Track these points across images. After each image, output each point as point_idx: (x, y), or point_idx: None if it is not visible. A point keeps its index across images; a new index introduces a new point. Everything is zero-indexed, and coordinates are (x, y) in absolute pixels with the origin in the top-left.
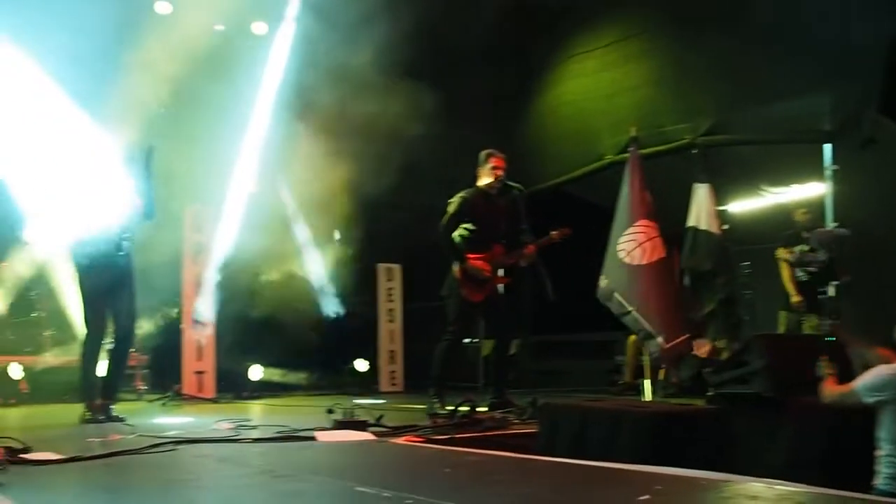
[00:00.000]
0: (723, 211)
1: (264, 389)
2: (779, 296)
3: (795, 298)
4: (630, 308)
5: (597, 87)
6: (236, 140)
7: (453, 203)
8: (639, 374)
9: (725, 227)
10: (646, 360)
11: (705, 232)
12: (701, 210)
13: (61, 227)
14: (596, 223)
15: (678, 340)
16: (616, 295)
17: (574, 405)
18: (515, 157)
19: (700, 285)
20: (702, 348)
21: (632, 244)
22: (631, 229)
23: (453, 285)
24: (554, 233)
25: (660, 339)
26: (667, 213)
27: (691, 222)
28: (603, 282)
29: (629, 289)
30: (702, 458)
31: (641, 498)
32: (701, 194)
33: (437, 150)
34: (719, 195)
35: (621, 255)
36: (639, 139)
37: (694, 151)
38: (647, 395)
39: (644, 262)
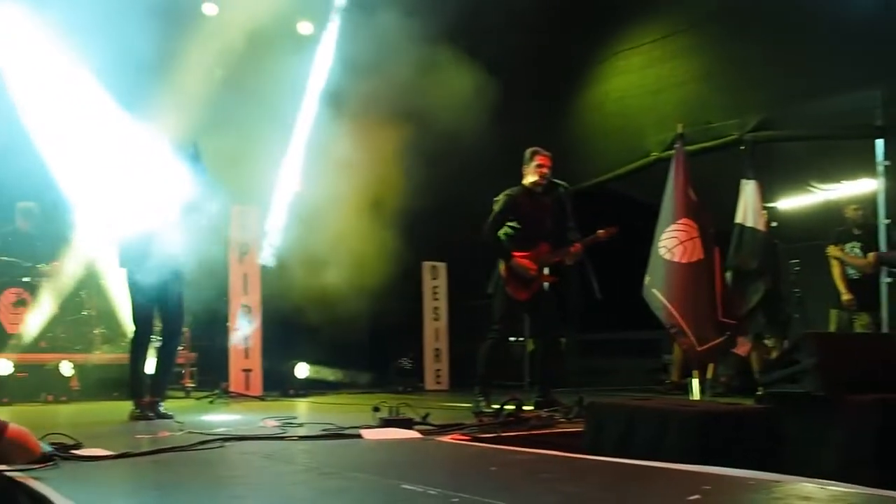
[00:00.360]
0: (771, 208)
1: (310, 387)
2: (829, 294)
3: (846, 296)
4: (666, 303)
5: (642, 84)
6: (282, 139)
7: (498, 202)
8: (686, 373)
9: (773, 224)
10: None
11: (752, 229)
12: (748, 207)
13: (110, 226)
14: (641, 221)
15: (711, 344)
16: (654, 291)
17: (621, 404)
18: (561, 155)
19: (744, 283)
20: (742, 347)
21: (673, 241)
22: (673, 226)
23: (499, 283)
24: (600, 231)
25: (692, 339)
26: (713, 211)
27: (738, 219)
28: (647, 279)
29: (666, 284)
30: (750, 459)
31: (691, 497)
32: (748, 191)
33: (482, 148)
34: (767, 192)
35: (662, 251)
36: (685, 136)
37: (742, 148)
38: (695, 394)
39: (684, 260)
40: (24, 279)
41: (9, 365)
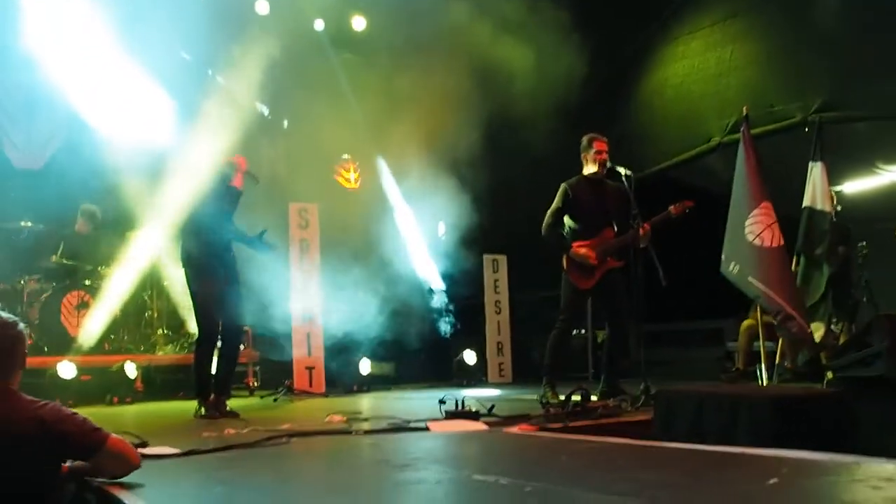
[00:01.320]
0: (837, 191)
1: (374, 383)
2: None
3: None
4: (768, 290)
5: (703, 68)
6: (339, 135)
7: (558, 195)
8: (752, 362)
9: (839, 207)
10: (761, 345)
11: (821, 212)
12: (816, 189)
13: (172, 229)
14: (703, 209)
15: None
16: (751, 279)
17: (690, 391)
18: (621, 143)
19: (814, 268)
20: (817, 332)
21: (759, 226)
22: (756, 211)
23: (563, 273)
24: (672, 207)
25: (802, 322)
26: (779, 195)
27: (807, 202)
28: (733, 267)
29: (762, 271)
30: (823, 443)
31: (771, 481)
32: (816, 173)
33: (543, 139)
34: (833, 174)
35: (750, 237)
36: (749, 118)
37: (806, 130)
38: (764, 380)
39: (774, 245)
40: (86, 282)
41: (72, 368)
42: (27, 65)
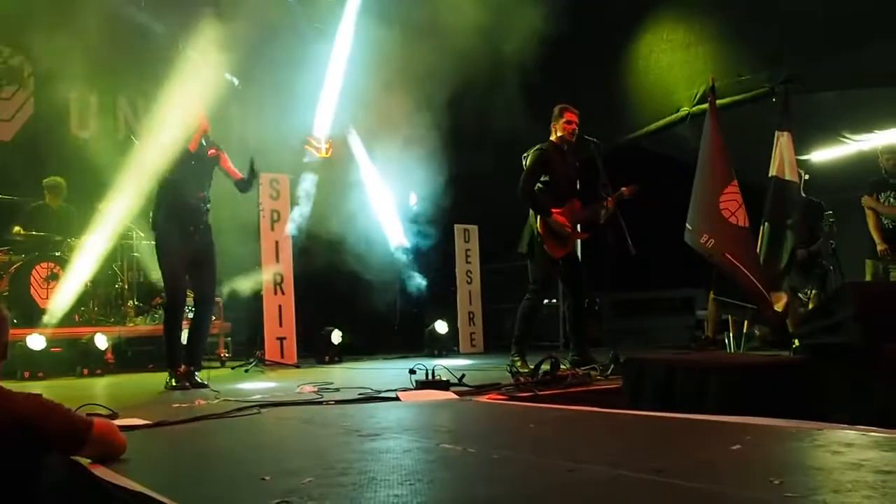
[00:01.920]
0: (805, 160)
1: (345, 353)
2: (864, 244)
3: (882, 246)
4: (744, 270)
5: (672, 39)
6: (311, 105)
7: (529, 157)
8: (721, 330)
9: (806, 176)
10: (729, 315)
11: (788, 181)
12: (783, 159)
13: (141, 200)
14: (673, 177)
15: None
16: (728, 255)
17: (660, 358)
18: (594, 113)
19: (781, 237)
20: (779, 301)
21: (734, 204)
22: (729, 188)
23: (535, 242)
24: (624, 189)
25: (770, 299)
26: (746, 165)
27: (773, 171)
28: (707, 240)
29: (738, 249)
30: (790, 410)
31: (734, 447)
32: (783, 143)
33: (508, 108)
34: (800, 144)
35: (725, 213)
36: (716, 88)
37: (773, 100)
38: (732, 348)
39: (744, 225)
40: (56, 253)
41: (42, 340)
42: None
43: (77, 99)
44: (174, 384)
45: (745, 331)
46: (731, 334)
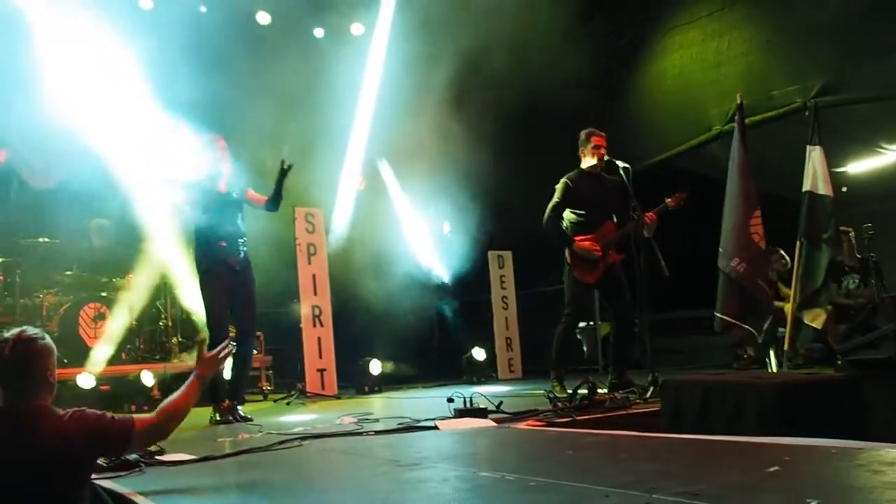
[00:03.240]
0: (841, 172)
1: (384, 383)
2: None
3: None
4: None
5: (702, 59)
6: (343, 139)
7: (557, 190)
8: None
9: (844, 189)
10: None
11: (822, 196)
12: (816, 174)
13: (182, 234)
14: (708, 196)
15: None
16: (760, 282)
17: (697, 380)
18: (623, 135)
19: (818, 252)
20: (817, 318)
21: (762, 228)
22: (757, 212)
23: (567, 268)
24: (669, 200)
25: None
26: (780, 181)
27: (807, 187)
28: (739, 265)
29: (762, 274)
30: (833, 428)
31: (771, 469)
32: (815, 157)
33: (544, 134)
34: (837, 156)
35: (755, 237)
36: (746, 106)
37: (806, 114)
38: (773, 366)
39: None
40: (102, 294)
41: (91, 378)
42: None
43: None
44: (218, 419)
45: (786, 348)
46: (772, 352)
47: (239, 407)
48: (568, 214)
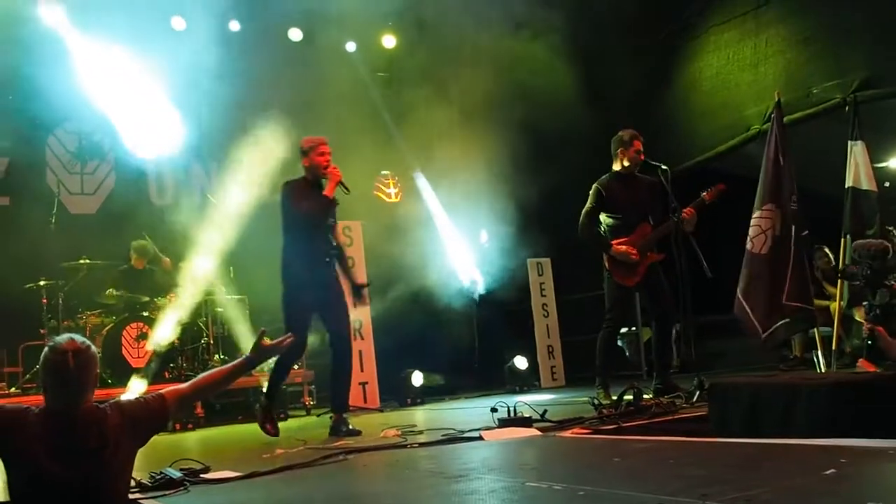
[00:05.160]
0: (883, 167)
1: (427, 394)
2: None
3: None
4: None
5: (739, 58)
6: (379, 151)
7: (589, 195)
8: (809, 348)
9: (886, 184)
10: (817, 332)
11: (866, 191)
12: (859, 169)
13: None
14: (748, 197)
15: (772, 330)
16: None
17: (745, 382)
18: (658, 138)
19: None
20: (858, 314)
21: (755, 230)
22: (757, 213)
23: (606, 272)
24: (705, 193)
25: (758, 328)
26: (822, 177)
27: (850, 182)
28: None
29: (742, 275)
30: (885, 428)
31: (827, 472)
32: (857, 152)
33: (580, 138)
34: (879, 151)
35: (748, 243)
36: (784, 104)
37: (846, 109)
38: (821, 367)
39: (762, 252)
40: (144, 313)
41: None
42: (78, 116)
43: (154, 169)
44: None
45: (834, 348)
46: (819, 352)
47: (346, 419)
48: (604, 218)
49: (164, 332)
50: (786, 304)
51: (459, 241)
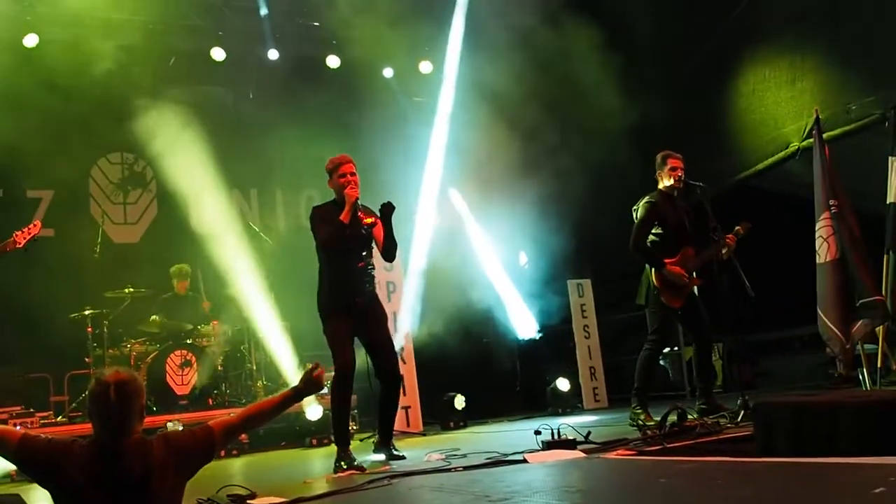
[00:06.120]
0: None
1: (469, 418)
2: None
3: None
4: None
5: (775, 75)
6: (417, 175)
7: (641, 208)
8: (854, 366)
9: None
10: (861, 349)
11: None
12: None
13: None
14: (788, 214)
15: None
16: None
17: (789, 401)
18: (697, 157)
19: None
20: None
21: (819, 241)
22: (817, 224)
23: (651, 293)
24: (738, 228)
25: (841, 338)
26: (864, 194)
27: (891, 198)
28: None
29: (819, 288)
30: None
31: (876, 490)
32: None
33: (617, 161)
34: None
35: (816, 258)
36: (824, 120)
37: (886, 124)
38: (867, 384)
39: (827, 259)
40: (188, 341)
41: (179, 426)
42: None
43: (195, 197)
44: (344, 466)
45: (879, 365)
46: (864, 370)
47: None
48: (650, 237)
49: (208, 359)
50: (862, 302)
51: (499, 263)
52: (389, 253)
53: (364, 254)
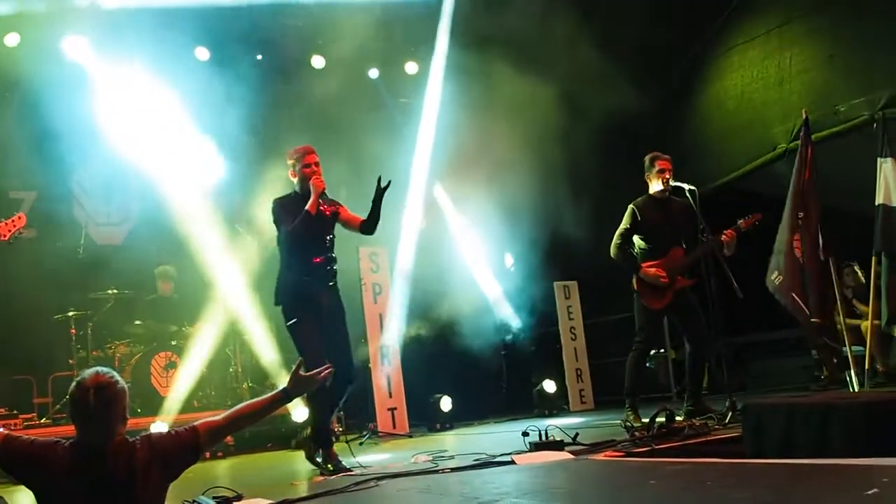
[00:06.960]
0: None
1: (456, 419)
2: None
3: None
4: (803, 307)
5: (763, 77)
6: (403, 177)
7: (624, 216)
8: (841, 368)
9: None
10: (848, 350)
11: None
12: (890, 186)
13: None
14: (777, 216)
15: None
16: (794, 295)
17: (778, 402)
18: (685, 159)
19: None
20: None
21: (809, 243)
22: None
23: (635, 295)
24: (741, 221)
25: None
26: (850, 195)
27: (880, 200)
28: (777, 277)
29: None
30: None
31: (869, 492)
32: (887, 169)
33: (604, 163)
34: None
35: (797, 251)
36: (812, 122)
37: (875, 126)
38: (854, 386)
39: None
40: (172, 342)
41: (165, 427)
42: (102, 147)
43: (179, 200)
44: (330, 468)
45: (867, 367)
46: (851, 372)
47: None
48: (637, 241)
49: (193, 360)
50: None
51: (485, 266)
52: (371, 227)
53: (328, 245)
